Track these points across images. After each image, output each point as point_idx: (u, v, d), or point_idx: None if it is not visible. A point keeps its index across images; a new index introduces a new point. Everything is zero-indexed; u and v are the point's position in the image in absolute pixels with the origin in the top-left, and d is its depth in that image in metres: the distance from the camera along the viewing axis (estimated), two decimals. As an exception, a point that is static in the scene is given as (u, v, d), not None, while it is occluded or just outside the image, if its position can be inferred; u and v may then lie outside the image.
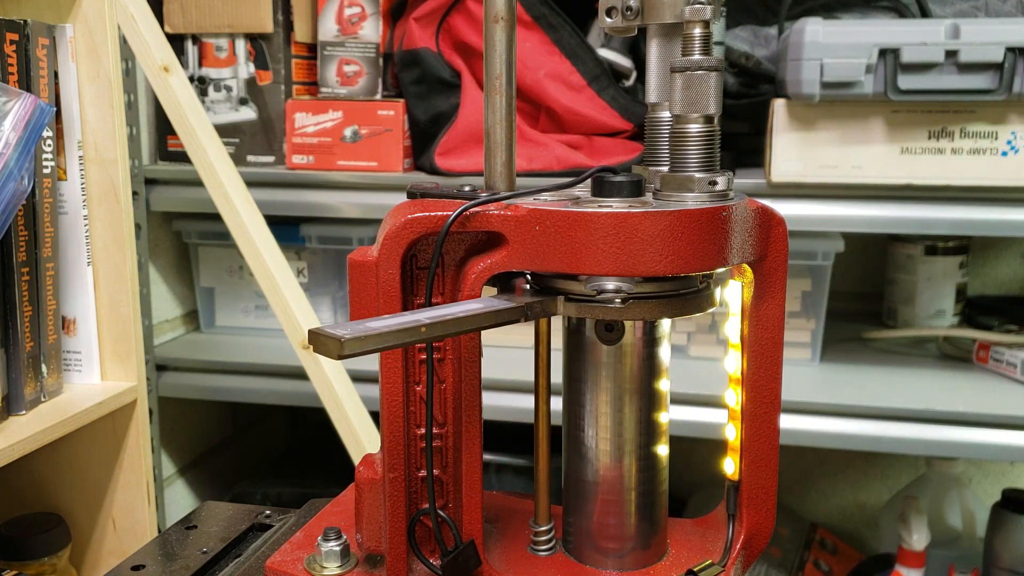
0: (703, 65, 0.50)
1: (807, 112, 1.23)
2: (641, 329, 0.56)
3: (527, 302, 0.51)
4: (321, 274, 1.60)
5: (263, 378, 1.48)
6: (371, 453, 0.57)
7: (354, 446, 1.21)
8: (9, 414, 0.95)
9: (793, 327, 1.43)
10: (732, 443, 0.61)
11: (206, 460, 1.78)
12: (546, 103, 1.42)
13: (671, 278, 0.52)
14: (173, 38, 1.49)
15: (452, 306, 0.48)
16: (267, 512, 0.73)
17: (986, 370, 1.41)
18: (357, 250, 0.53)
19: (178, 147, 1.42)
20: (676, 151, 0.52)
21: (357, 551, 0.57)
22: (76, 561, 1.11)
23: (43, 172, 0.98)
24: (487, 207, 0.51)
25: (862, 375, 1.40)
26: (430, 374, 0.54)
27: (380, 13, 1.48)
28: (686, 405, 1.33)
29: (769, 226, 0.54)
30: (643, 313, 0.52)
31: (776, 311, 0.55)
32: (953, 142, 1.20)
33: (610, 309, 0.51)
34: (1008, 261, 1.74)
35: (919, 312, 1.54)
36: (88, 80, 1.02)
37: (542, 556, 0.59)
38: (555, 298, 0.53)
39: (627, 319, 0.54)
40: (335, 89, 1.50)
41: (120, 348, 1.06)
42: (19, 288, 0.95)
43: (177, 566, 0.65)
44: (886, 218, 1.26)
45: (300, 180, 1.46)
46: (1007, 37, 1.13)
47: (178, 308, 1.67)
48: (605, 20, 0.57)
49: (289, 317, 1.21)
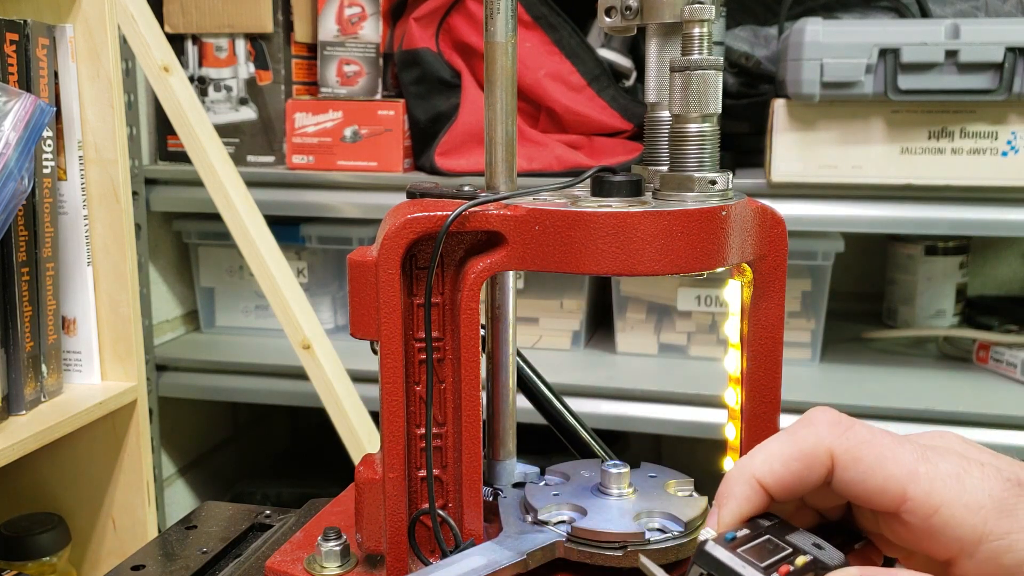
0: (702, 65, 0.50)
1: (807, 112, 1.23)
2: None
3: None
4: (321, 274, 1.60)
5: (263, 378, 1.48)
6: (371, 453, 0.57)
7: (354, 446, 1.21)
8: (9, 414, 0.95)
9: (793, 327, 1.43)
10: (732, 443, 0.60)
11: (206, 460, 1.78)
12: (546, 103, 1.42)
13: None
14: (173, 38, 1.49)
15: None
16: (267, 512, 0.73)
17: (986, 370, 1.41)
18: (357, 250, 0.53)
19: (178, 147, 1.42)
20: (676, 151, 0.52)
21: (357, 551, 0.57)
22: (76, 561, 1.11)
23: (43, 172, 0.98)
24: (487, 207, 0.51)
25: (862, 375, 1.40)
26: (430, 374, 0.54)
27: (380, 13, 1.48)
28: (686, 405, 1.33)
29: (769, 226, 0.54)
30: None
31: (776, 311, 0.55)
32: (953, 142, 1.20)
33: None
34: (1008, 261, 1.74)
35: (919, 312, 1.54)
36: (88, 80, 1.02)
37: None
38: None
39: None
40: (335, 89, 1.50)
41: (120, 348, 1.06)
42: (19, 288, 0.95)
43: (177, 566, 0.65)
44: (886, 218, 1.26)
45: (300, 180, 1.46)
46: (1007, 37, 1.13)
47: (178, 308, 1.67)
48: (605, 20, 0.57)
49: (289, 317, 1.21)
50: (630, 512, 0.53)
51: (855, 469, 0.39)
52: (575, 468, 0.59)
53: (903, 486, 0.38)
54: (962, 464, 0.39)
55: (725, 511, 0.41)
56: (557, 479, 0.59)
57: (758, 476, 0.41)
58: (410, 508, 0.55)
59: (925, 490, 0.38)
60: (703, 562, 0.39)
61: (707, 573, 0.39)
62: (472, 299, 0.51)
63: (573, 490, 0.56)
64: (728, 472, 0.42)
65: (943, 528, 0.38)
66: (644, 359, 1.47)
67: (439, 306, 0.54)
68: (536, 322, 1.52)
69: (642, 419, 1.35)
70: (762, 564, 0.38)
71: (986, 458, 0.40)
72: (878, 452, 0.39)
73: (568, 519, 0.54)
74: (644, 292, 1.48)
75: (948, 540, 0.38)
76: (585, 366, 1.45)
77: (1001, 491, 0.38)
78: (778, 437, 0.42)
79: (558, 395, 0.66)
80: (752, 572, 0.38)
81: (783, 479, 0.40)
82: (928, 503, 0.38)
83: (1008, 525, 0.37)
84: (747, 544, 0.39)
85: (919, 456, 0.39)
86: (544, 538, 0.53)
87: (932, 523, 0.38)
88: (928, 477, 0.38)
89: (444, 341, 0.54)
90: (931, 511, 0.38)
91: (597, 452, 0.66)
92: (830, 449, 0.40)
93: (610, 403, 1.35)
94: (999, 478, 0.38)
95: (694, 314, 1.46)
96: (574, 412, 0.67)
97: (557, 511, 0.55)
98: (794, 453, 0.40)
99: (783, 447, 0.41)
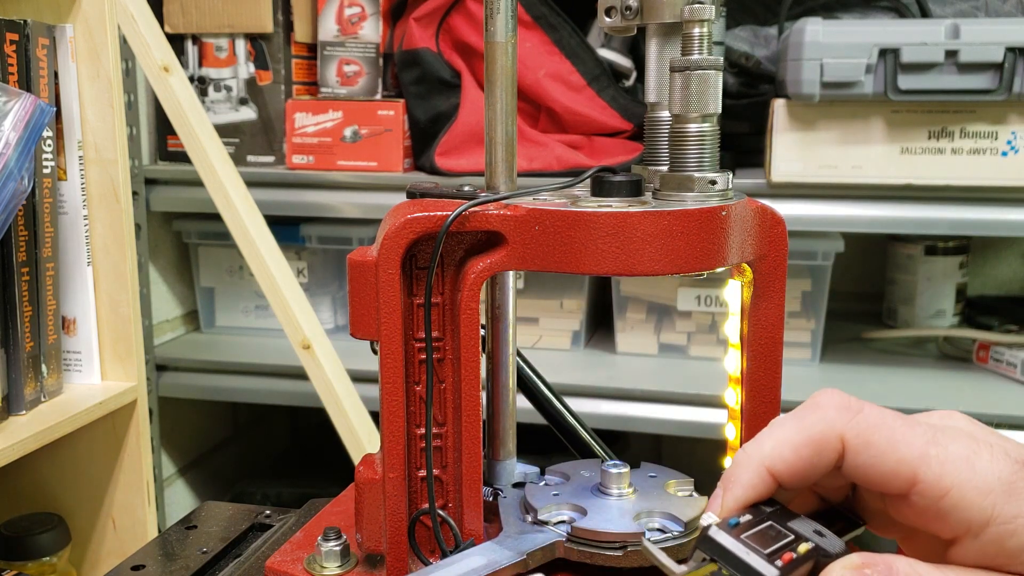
0: (703, 65, 0.50)
1: (807, 112, 1.23)
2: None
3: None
4: (321, 274, 1.60)
5: (263, 378, 1.48)
6: (371, 453, 0.57)
7: (354, 446, 1.21)
8: (9, 414, 0.95)
9: (793, 327, 1.43)
10: (732, 443, 0.60)
11: (206, 460, 1.78)
12: (546, 103, 1.42)
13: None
14: (173, 38, 1.49)
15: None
16: (267, 512, 0.73)
17: (986, 370, 1.41)
18: (357, 250, 0.53)
19: (178, 147, 1.42)
20: (675, 151, 0.52)
21: (357, 551, 0.57)
22: (76, 561, 1.11)
23: (43, 172, 0.98)
24: (487, 207, 0.51)
25: (862, 375, 1.40)
26: (430, 374, 0.54)
27: (380, 13, 1.48)
28: (686, 405, 1.33)
29: (769, 226, 0.54)
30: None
31: (776, 311, 0.55)
32: (953, 142, 1.20)
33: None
34: (1008, 261, 1.74)
35: (919, 312, 1.54)
36: (88, 80, 1.02)
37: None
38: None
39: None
40: (335, 89, 1.50)
41: (120, 348, 1.06)
42: (19, 288, 0.95)
43: (177, 566, 0.65)
44: (886, 218, 1.26)
45: (300, 180, 1.46)
46: (1007, 37, 1.13)
47: (178, 308, 1.67)
48: (604, 20, 0.57)
49: (289, 317, 1.21)
50: (630, 512, 0.53)
51: (866, 454, 0.39)
52: (575, 468, 0.59)
53: (914, 469, 0.38)
54: (972, 446, 0.38)
55: (730, 496, 0.40)
56: (557, 479, 0.59)
57: (767, 464, 0.40)
58: (410, 508, 0.55)
59: (936, 473, 0.37)
60: (707, 547, 0.38)
61: (710, 558, 0.38)
62: (472, 299, 0.51)
63: (573, 490, 0.56)
64: (735, 457, 0.41)
65: (952, 510, 0.37)
66: (644, 359, 1.47)
67: (439, 306, 0.54)
68: (536, 322, 1.52)
69: (642, 419, 1.35)
70: (765, 551, 0.38)
71: (994, 439, 0.39)
72: (888, 435, 0.39)
73: (568, 519, 0.54)
74: (644, 292, 1.48)
75: (956, 522, 0.38)
76: (585, 366, 1.45)
77: (1010, 474, 0.37)
78: (785, 422, 0.40)
79: (558, 395, 0.66)
80: (756, 559, 0.37)
81: (793, 466, 0.39)
82: (939, 485, 0.37)
83: (1016, 509, 0.37)
84: (750, 530, 0.39)
85: (929, 439, 0.38)
86: (544, 538, 0.53)
87: (942, 505, 0.38)
88: (939, 460, 0.38)
89: (444, 341, 0.54)
90: (941, 493, 0.37)
91: (597, 452, 0.66)
92: (840, 434, 0.39)
93: (610, 403, 1.35)
94: (1008, 460, 0.38)
95: (694, 314, 1.46)
96: (574, 412, 0.67)
97: (557, 511, 0.55)
98: (803, 439, 0.39)
99: (792, 433, 0.40)
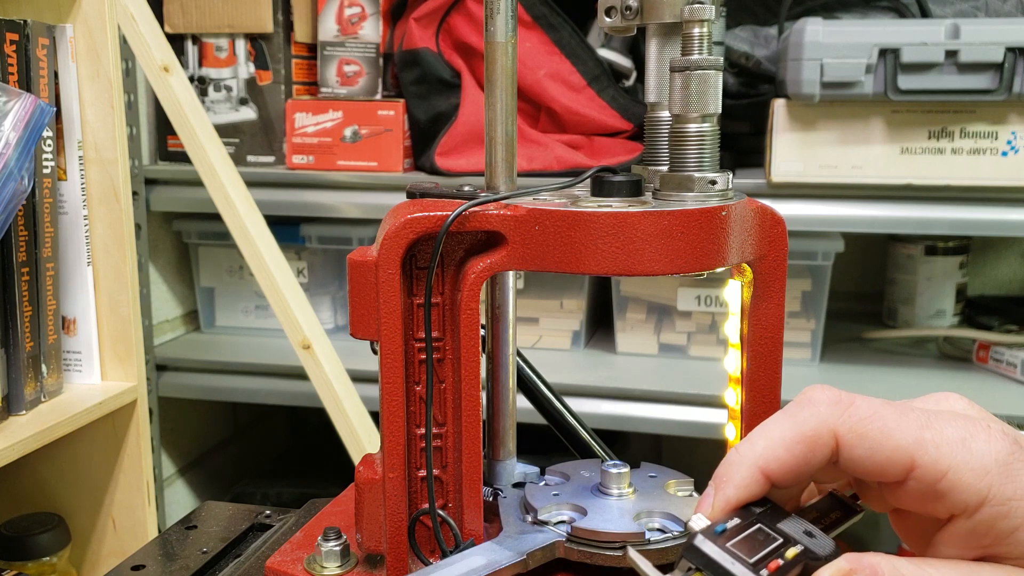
0: (703, 65, 0.50)
1: (807, 112, 1.23)
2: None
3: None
4: (321, 274, 1.60)
5: (263, 378, 1.48)
6: (371, 453, 0.57)
7: (354, 446, 1.21)
8: (9, 414, 0.95)
9: (793, 327, 1.43)
10: (732, 443, 0.60)
11: (206, 460, 1.78)
12: (546, 103, 1.42)
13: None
14: (173, 38, 1.49)
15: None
16: (267, 512, 0.73)
17: (986, 370, 1.41)
18: (357, 250, 0.53)
19: (178, 147, 1.42)
20: (675, 151, 0.52)
21: (357, 551, 0.57)
22: (76, 561, 1.11)
23: (43, 172, 0.98)
24: (487, 207, 0.51)
25: (862, 375, 1.40)
26: (430, 374, 0.54)
27: (380, 13, 1.48)
28: (686, 405, 1.33)
29: (769, 226, 0.54)
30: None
31: (776, 311, 0.55)
32: (953, 142, 1.20)
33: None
34: (1008, 261, 1.74)
35: (919, 312, 1.54)
36: (88, 80, 1.02)
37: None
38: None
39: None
40: (335, 89, 1.50)
41: (120, 348, 1.06)
42: (19, 288, 0.95)
43: (177, 566, 0.65)
44: (886, 218, 1.26)
45: (300, 180, 1.46)
46: (1007, 37, 1.13)
47: (178, 308, 1.67)
48: (604, 20, 0.57)
49: (289, 317, 1.21)
50: (630, 512, 0.53)
51: (861, 446, 0.39)
52: (575, 468, 0.59)
53: (910, 455, 0.38)
54: (968, 427, 0.38)
55: (721, 497, 0.40)
56: (557, 479, 0.59)
57: (760, 464, 0.39)
58: (410, 508, 0.55)
59: (932, 456, 0.37)
60: (692, 557, 0.38)
61: (696, 568, 0.38)
62: (472, 299, 0.51)
63: (573, 490, 0.56)
64: (727, 457, 0.41)
65: (949, 492, 0.37)
66: (644, 359, 1.47)
67: (439, 306, 0.54)
68: (536, 322, 1.52)
69: (642, 419, 1.35)
70: (751, 560, 0.37)
71: (993, 420, 0.40)
72: (880, 426, 0.38)
73: (568, 519, 0.54)
74: (644, 292, 1.48)
75: (952, 503, 0.38)
76: (585, 366, 1.45)
77: (1008, 454, 0.37)
78: (778, 420, 0.40)
79: (558, 395, 0.66)
80: (741, 569, 0.37)
81: (786, 464, 0.39)
82: (936, 468, 0.37)
83: (1011, 491, 0.37)
84: (737, 536, 0.38)
85: (923, 423, 0.38)
86: (544, 538, 0.53)
87: (939, 487, 0.38)
88: (934, 443, 0.38)
89: (444, 341, 0.54)
90: (939, 476, 0.37)
91: (597, 452, 0.66)
92: (833, 430, 0.39)
93: (610, 403, 1.35)
94: (1006, 440, 0.38)
95: (694, 314, 1.46)
96: (574, 412, 0.67)
97: (557, 511, 0.55)
98: (796, 437, 0.39)
99: (785, 431, 0.39)
